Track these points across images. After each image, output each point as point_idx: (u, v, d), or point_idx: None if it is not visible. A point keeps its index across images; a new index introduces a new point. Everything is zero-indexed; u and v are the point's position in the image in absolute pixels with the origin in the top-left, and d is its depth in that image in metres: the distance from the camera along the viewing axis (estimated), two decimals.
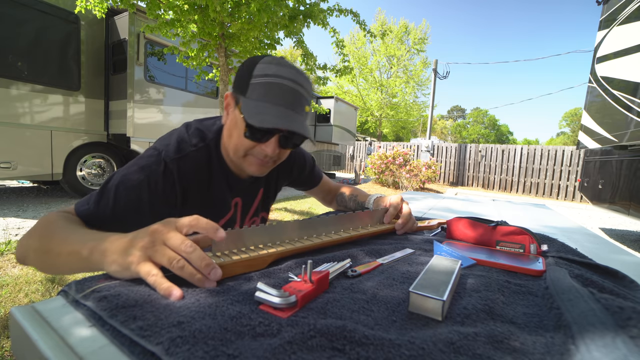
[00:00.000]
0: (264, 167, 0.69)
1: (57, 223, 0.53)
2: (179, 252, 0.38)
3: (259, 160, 0.67)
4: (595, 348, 0.26)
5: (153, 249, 0.39)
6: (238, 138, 0.65)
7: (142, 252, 0.38)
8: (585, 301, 0.34)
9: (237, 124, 0.65)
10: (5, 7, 3.36)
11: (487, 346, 0.28)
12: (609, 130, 3.44)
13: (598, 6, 4.04)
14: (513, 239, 0.62)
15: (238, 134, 0.65)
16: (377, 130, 21.26)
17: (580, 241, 0.89)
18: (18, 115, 3.53)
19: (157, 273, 0.36)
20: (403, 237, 0.71)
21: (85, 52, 4.09)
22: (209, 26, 3.18)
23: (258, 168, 0.69)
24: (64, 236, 0.49)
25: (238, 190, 0.78)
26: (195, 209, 0.69)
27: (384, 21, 19.23)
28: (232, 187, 0.76)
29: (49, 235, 0.51)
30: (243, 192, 0.80)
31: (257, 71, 0.62)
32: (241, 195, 0.80)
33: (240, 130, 0.64)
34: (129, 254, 0.39)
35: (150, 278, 0.36)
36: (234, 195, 0.78)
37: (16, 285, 1.68)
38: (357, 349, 0.26)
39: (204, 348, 0.25)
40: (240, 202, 0.80)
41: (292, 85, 0.62)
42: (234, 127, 0.66)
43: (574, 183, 8.48)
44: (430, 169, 8.06)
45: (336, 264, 0.47)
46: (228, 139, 0.69)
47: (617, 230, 4.90)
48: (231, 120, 0.67)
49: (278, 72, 0.62)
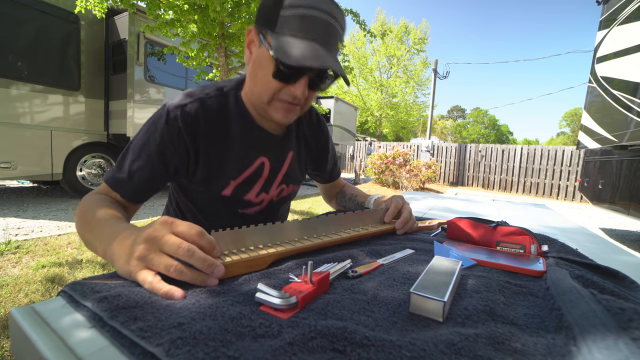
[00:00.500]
0: (290, 112, 0.63)
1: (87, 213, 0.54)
2: (178, 257, 0.38)
3: (286, 104, 0.61)
4: (597, 350, 0.26)
5: (149, 258, 0.38)
6: (265, 79, 0.59)
7: (138, 262, 0.38)
8: (586, 302, 0.33)
9: (263, 63, 0.58)
10: (5, 7, 3.36)
11: (488, 347, 0.28)
12: (609, 130, 3.44)
13: (598, 6, 4.03)
14: (513, 240, 0.62)
15: (264, 74, 0.59)
16: (377, 130, 21.27)
17: (581, 241, 0.89)
18: (18, 115, 3.53)
19: (153, 280, 0.36)
20: (403, 238, 0.71)
21: (85, 52, 4.09)
22: (209, 26, 3.18)
23: (285, 114, 0.63)
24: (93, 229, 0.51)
25: (264, 146, 0.70)
26: (212, 164, 0.65)
27: (384, 21, 19.24)
28: (257, 141, 0.69)
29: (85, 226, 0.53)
30: (270, 150, 0.71)
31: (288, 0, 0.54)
32: (268, 154, 0.71)
33: (267, 70, 0.58)
34: (129, 262, 0.39)
35: (146, 286, 0.36)
36: (259, 152, 0.70)
37: (16, 285, 1.68)
38: (358, 350, 0.26)
39: (205, 349, 0.25)
40: (267, 162, 0.71)
41: (328, 18, 0.55)
42: (259, 67, 0.60)
43: (574, 183, 8.47)
44: (430, 169, 8.06)
45: (337, 264, 0.47)
46: (252, 80, 0.63)
47: (617, 230, 4.90)
48: (256, 59, 0.60)
49: (312, 3, 0.54)
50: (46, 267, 1.92)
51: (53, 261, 2.02)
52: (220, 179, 0.68)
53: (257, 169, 0.71)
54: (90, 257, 2.15)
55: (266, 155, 0.71)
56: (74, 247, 2.35)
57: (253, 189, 0.72)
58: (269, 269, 0.46)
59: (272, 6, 0.56)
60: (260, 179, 0.72)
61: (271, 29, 0.56)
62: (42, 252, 2.19)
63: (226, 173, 0.68)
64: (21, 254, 2.13)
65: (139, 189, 0.62)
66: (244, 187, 0.71)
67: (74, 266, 1.98)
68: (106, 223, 0.50)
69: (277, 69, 0.56)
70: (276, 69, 0.56)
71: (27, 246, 2.27)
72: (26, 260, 2.05)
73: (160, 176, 0.63)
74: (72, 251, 2.25)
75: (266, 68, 0.58)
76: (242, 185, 0.70)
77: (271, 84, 0.59)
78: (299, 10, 0.54)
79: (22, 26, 3.52)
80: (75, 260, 2.08)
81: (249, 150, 0.69)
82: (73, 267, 1.96)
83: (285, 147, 0.75)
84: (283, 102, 0.61)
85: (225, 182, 0.69)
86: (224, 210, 0.73)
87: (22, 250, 2.18)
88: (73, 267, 1.96)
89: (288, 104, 0.62)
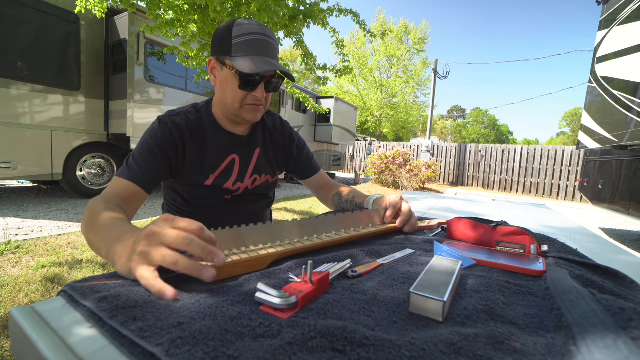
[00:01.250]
0: (258, 112, 0.82)
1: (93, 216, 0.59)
2: (177, 247, 0.38)
3: (253, 106, 0.80)
4: (596, 349, 0.26)
5: (148, 252, 0.38)
6: (233, 92, 0.78)
7: (139, 257, 0.39)
8: (586, 302, 0.33)
9: (229, 81, 0.78)
10: (5, 7, 3.36)
11: (488, 347, 0.28)
12: (609, 130, 3.44)
13: (598, 6, 4.03)
14: (513, 240, 0.62)
15: (232, 88, 0.78)
16: (377, 130, 21.27)
17: (581, 241, 0.89)
18: (18, 115, 3.53)
19: (150, 276, 0.36)
20: (403, 238, 0.71)
21: (85, 52, 4.09)
22: (209, 26, 3.18)
23: (254, 113, 0.82)
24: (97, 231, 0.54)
25: (233, 146, 0.88)
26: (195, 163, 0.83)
27: (384, 21, 19.24)
28: (228, 142, 0.87)
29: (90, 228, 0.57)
30: (239, 149, 0.89)
31: (234, 33, 0.74)
32: (237, 152, 0.89)
33: (233, 85, 0.77)
34: (130, 259, 0.40)
35: (143, 281, 0.36)
36: (230, 150, 0.88)
37: (16, 285, 1.68)
38: (358, 350, 0.26)
39: (204, 349, 0.25)
40: (237, 158, 0.89)
41: (265, 38, 0.76)
42: (226, 85, 0.78)
43: (574, 183, 8.47)
44: (430, 169, 8.06)
45: (336, 264, 0.47)
46: (222, 95, 0.81)
47: (617, 230, 4.90)
48: (222, 80, 0.79)
49: (250, 30, 0.75)
50: (46, 267, 1.93)
51: (53, 261, 2.02)
52: (201, 174, 0.85)
53: (229, 164, 0.88)
54: (90, 257, 2.15)
55: (236, 153, 0.89)
56: (74, 247, 2.35)
57: (229, 179, 0.88)
58: (269, 269, 0.46)
59: (224, 39, 0.76)
60: (234, 171, 0.89)
61: (228, 55, 0.75)
62: (42, 252, 2.19)
63: (205, 168, 0.85)
64: (21, 254, 2.13)
65: (148, 177, 0.75)
66: (222, 178, 0.87)
67: (74, 266, 1.98)
68: (110, 225, 0.53)
69: (241, 81, 0.76)
70: (240, 82, 0.76)
71: (27, 246, 2.27)
72: (26, 260, 2.05)
73: (163, 168, 0.79)
74: (72, 251, 2.26)
75: (232, 83, 0.77)
76: (219, 177, 0.87)
77: (238, 93, 0.78)
78: (244, 37, 0.74)
79: (22, 26, 3.52)
80: (75, 260, 2.08)
81: (222, 150, 0.87)
82: (73, 267, 1.96)
83: (252, 145, 0.93)
84: (250, 105, 0.80)
85: (205, 175, 0.85)
86: (208, 198, 0.89)
87: (22, 250, 2.18)
88: (73, 267, 1.96)
89: (254, 106, 0.80)
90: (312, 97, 8.04)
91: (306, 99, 5.08)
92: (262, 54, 0.75)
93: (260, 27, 0.76)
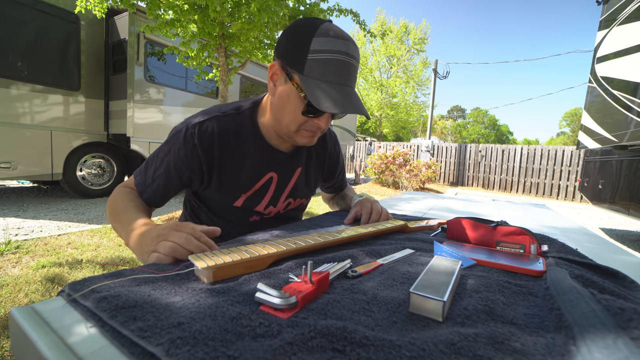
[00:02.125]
0: (314, 137, 0.72)
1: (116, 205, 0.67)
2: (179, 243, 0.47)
3: (311, 132, 0.69)
4: (596, 349, 0.26)
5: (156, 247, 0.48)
6: (293, 113, 0.66)
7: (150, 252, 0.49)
8: (586, 302, 0.33)
9: (291, 99, 0.65)
10: (5, 7, 3.36)
11: (488, 347, 0.28)
12: (609, 130, 3.44)
13: (598, 6, 4.03)
14: (513, 240, 0.62)
15: (294, 110, 0.65)
16: (377, 130, 21.26)
17: (581, 241, 0.89)
18: (18, 115, 3.53)
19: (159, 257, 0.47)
20: (403, 238, 0.71)
21: (85, 52, 4.09)
22: (209, 26, 3.18)
23: (310, 139, 0.71)
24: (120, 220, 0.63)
25: (274, 163, 0.77)
26: (225, 178, 0.73)
27: (384, 21, 19.23)
28: (268, 158, 0.76)
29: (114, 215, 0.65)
30: (279, 166, 0.78)
31: (314, 46, 0.60)
32: (277, 170, 0.78)
33: (296, 107, 0.65)
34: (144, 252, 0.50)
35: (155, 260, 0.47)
36: (269, 168, 0.76)
37: (16, 285, 1.68)
38: (358, 350, 0.26)
39: (204, 349, 0.25)
40: (275, 177, 0.78)
41: (348, 59, 0.62)
42: (287, 102, 0.66)
43: (574, 183, 8.47)
44: (430, 169, 8.06)
45: (336, 264, 0.47)
46: (279, 112, 0.68)
47: (617, 230, 4.90)
48: (283, 94, 0.66)
49: (335, 47, 0.60)
50: (46, 267, 1.92)
51: (53, 261, 2.02)
52: (232, 192, 0.75)
53: (265, 183, 0.77)
54: (90, 257, 2.16)
55: (275, 171, 0.78)
56: (74, 247, 2.35)
57: (262, 202, 0.78)
58: (269, 269, 0.46)
59: (299, 50, 0.61)
60: (268, 192, 0.78)
61: (298, 71, 0.61)
62: (42, 252, 2.19)
63: (238, 187, 0.75)
64: (21, 254, 2.13)
65: (156, 196, 0.72)
66: (254, 200, 0.77)
67: (74, 266, 1.98)
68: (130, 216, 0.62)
69: (307, 109, 0.64)
70: (306, 109, 0.64)
71: (27, 246, 2.27)
72: (26, 260, 2.05)
73: (175, 185, 0.73)
74: (72, 251, 2.25)
75: (295, 104, 0.65)
76: (251, 198, 0.77)
77: (300, 118, 0.66)
78: (324, 55, 0.60)
79: (22, 26, 3.52)
80: (75, 260, 2.08)
81: (260, 166, 0.75)
82: (73, 267, 1.96)
83: (294, 164, 0.81)
84: (308, 131, 0.69)
85: (237, 194, 0.76)
86: (234, 218, 0.80)
87: (22, 250, 2.18)
88: (73, 267, 1.96)
89: (313, 132, 0.70)
90: None
91: None
92: (342, 82, 0.61)
93: (345, 44, 0.61)
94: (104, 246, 2.40)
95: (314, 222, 0.82)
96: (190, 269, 0.43)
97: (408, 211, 1.21)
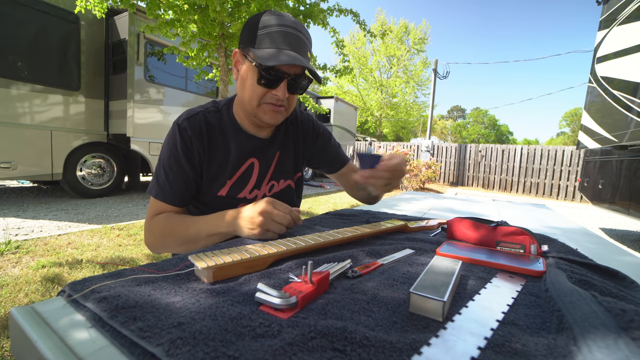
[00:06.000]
0: (277, 114, 0.75)
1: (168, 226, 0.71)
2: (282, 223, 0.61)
3: (272, 107, 0.73)
4: (597, 349, 0.26)
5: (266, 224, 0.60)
6: (252, 87, 0.71)
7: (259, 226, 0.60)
8: (587, 303, 0.33)
9: (249, 74, 0.71)
10: (5, 7, 3.36)
11: (488, 350, 0.28)
12: (609, 130, 3.44)
13: (598, 6, 4.03)
14: (513, 240, 0.62)
15: (251, 83, 0.71)
16: (377, 130, 21.26)
17: (581, 241, 0.89)
18: (18, 115, 3.53)
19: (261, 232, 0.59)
20: (403, 238, 0.71)
21: (85, 52, 4.09)
22: (209, 26, 3.18)
23: (272, 115, 0.74)
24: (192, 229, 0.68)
25: (253, 149, 0.82)
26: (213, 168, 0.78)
27: (384, 21, 19.23)
28: (247, 145, 0.81)
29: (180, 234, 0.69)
30: (259, 152, 0.83)
31: (262, 24, 0.68)
32: (257, 155, 0.82)
33: (252, 79, 0.70)
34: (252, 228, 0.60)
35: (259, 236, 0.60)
36: (250, 154, 0.81)
37: (16, 285, 1.68)
38: (358, 350, 0.26)
39: (204, 349, 0.25)
40: (256, 163, 0.82)
41: (295, 32, 0.69)
42: (246, 78, 0.72)
43: (574, 183, 8.47)
44: (430, 169, 8.06)
45: (336, 264, 0.47)
46: (242, 90, 0.74)
47: (617, 230, 4.90)
48: (243, 73, 0.73)
49: (280, 21, 0.68)
50: (46, 267, 1.92)
51: (53, 261, 2.02)
52: (218, 180, 0.79)
53: (247, 168, 0.82)
54: (90, 257, 2.16)
55: (255, 156, 0.82)
56: (74, 247, 2.35)
57: (246, 187, 0.82)
58: (269, 269, 0.46)
59: (250, 29, 0.70)
60: (252, 178, 0.83)
61: (252, 46, 0.69)
62: (42, 252, 2.19)
63: (223, 174, 0.79)
64: (21, 254, 2.13)
65: (179, 195, 0.76)
66: (238, 186, 0.81)
67: (74, 266, 1.98)
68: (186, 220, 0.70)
69: (261, 75, 0.68)
70: (259, 76, 0.69)
71: (27, 246, 2.27)
72: (26, 260, 2.05)
73: (192, 178, 0.76)
74: (72, 251, 2.25)
75: (252, 78, 0.70)
76: (236, 184, 0.81)
77: (257, 89, 0.71)
78: (272, 28, 0.68)
79: (22, 26, 3.52)
80: (75, 260, 2.08)
81: (241, 154, 0.80)
82: (73, 267, 1.96)
83: (273, 148, 0.86)
84: (269, 105, 0.73)
85: (222, 182, 0.79)
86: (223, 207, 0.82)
87: (22, 250, 2.18)
88: (73, 267, 1.96)
89: (274, 106, 0.73)
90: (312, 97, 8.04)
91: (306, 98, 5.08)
92: (289, 47, 0.67)
93: (292, 21, 0.69)
94: (104, 246, 2.40)
95: (314, 222, 0.82)
96: (190, 269, 0.43)
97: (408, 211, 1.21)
